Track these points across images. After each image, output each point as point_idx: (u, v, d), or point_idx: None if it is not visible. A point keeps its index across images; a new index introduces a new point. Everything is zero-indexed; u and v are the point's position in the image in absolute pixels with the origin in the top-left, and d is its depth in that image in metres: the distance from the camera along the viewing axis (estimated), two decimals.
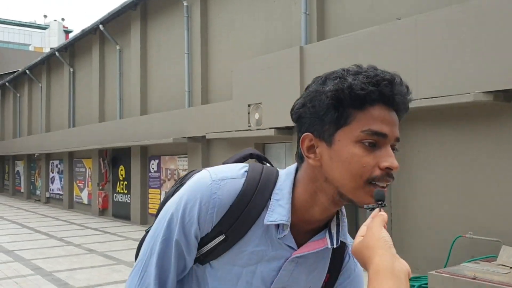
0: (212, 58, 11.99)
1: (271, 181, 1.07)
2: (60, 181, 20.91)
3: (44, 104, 22.82)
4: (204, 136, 11.04)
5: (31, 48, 55.16)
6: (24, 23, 63.29)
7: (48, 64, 22.58)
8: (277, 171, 1.10)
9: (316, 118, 1.00)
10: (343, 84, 0.96)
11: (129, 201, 15.03)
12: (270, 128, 8.78)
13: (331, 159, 0.99)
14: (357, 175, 0.96)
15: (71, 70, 20.08)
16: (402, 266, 0.85)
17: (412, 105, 4.44)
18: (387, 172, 0.96)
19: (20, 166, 26.81)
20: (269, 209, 1.04)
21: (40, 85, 23.34)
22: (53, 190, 21.95)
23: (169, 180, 13.28)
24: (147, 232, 1.20)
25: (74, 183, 19.58)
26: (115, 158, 16.27)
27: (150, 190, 14.10)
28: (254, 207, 1.03)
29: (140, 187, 14.26)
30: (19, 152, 24.83)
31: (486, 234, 6.00)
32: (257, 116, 9.21)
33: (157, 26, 14.29)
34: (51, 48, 25.99)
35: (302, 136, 1.03)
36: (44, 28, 62.36)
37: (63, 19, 64.31)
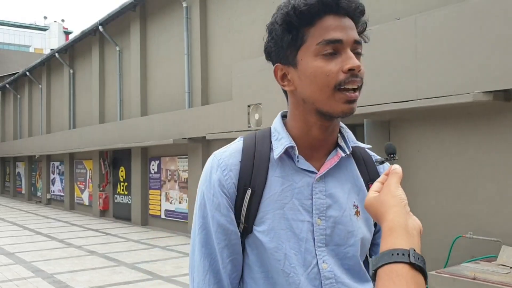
0: (212, 59, 11.99)
1: (266, 132, 1.16)
2: (61, 182, 20.93)
3: (45, 106, 22.84)
4: (204, 136, 11.04)
5: (31, 50, 55.21)
6: (24, 25, 63.37)
7: (48, 65, 22.60)
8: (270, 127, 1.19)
9: (279, 47, 1.07)
10: (288, 7, 1.03)
11: (129, 202, 15.04)
12: None
13: (300, 79, 1.05)
14: (324, 85, 1.02)
15: (71, 71, 20.09)
16: (415, 223, 0.88)
17: (411, 105, 4.48)
18: (351, 73, 1.01)
19: (21, 168, 26.83)
20: (273, 148, 1.11)
21: (40, 86, 23.36)
22: (54, 192, 21.97)
23: (169, 181, 13.28)
24: None
25: (75, 185, 19.60)
26: (116, 159, 16.28)
27: (151, 191, 14.11)
28: (261, 153, 1.11)
29: (141, 188, 14.27)
30: (19, 154, 24.85)
31: (486, 234, 6.00)
32: (257, 116, 9.21)
33: (156, 27, 14.29)
34: (51, 50, 26.01)
35: (274, 67, 1.11)
36: (44, 30, 62.44)
37: (63, 20, 64.43)
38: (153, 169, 14.05)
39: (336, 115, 1.05)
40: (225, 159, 1.11)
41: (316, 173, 1.10)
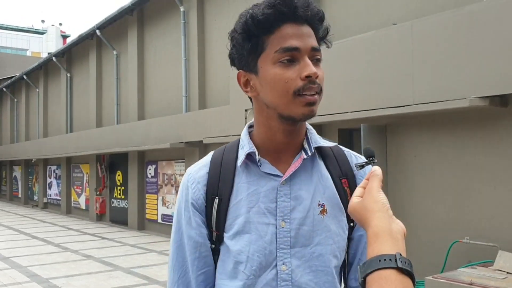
0: (209, 63, 12.00)
1: (236, 142, 1.20)
2: (58, 186, 20.87)
3: (42, 109, 22.80)
4: (201, 141, 11.03)
5: (28, 53, 55.16)
6: (22, 28, 63.33)
7: (45, 69, 22.58)
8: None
9: (240, 55, 1.11)
10: (247, 16, 1.07)
11: (126, 207, 15.00)
12: None
13: (262, 86, 1.09)
14: (284, 91, 1.05)
15: (68, 75, 20.08)
16: (399, 227, 0.90)
17: (408, 110, 4.48)
18: (309, 80, 1.04)
19: (17, 172, 26.75)
20: (238, 156, 1.15)
21: (37, 90, 23.33)
22: (50, 196, 21.90)
23: (166, 185, 13.26)
24: None
25: (72, 189, 19.54)
26: (113, 163, 16.25)
27: (148, 195, 14.08)
28: (227, 163, 1.16)
29: (138, 192, 14.23)
30: (16, 158, 24.78)
31: (483, 239, 6.00)
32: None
33: (154, 31, 14.30)
34: (48, 53, 25.98)
35: (237, 74, 1.15)
36: (42, 33, 62.42)
37: (60, 24, 64.42)
38: (150, 173, 14.02)
39: (298, 118, 1.08)
40: (194, 174, 1.17)
41: (281, 176, 1.13)
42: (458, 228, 6.35)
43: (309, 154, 1.15)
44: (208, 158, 1.20)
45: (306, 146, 1.16)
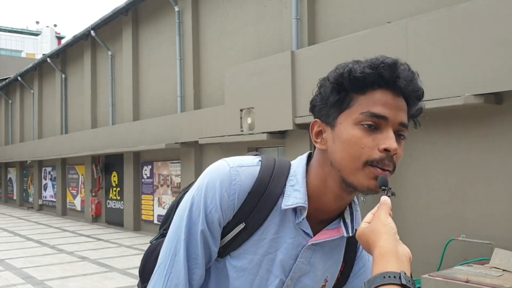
0: (204, 63, 11.98)
1: (285, 169, 1.09)
2: (53, 188, 20.79)
3: (36, 111, 22.70)
4: (197, 141, 11.00)
5: (23, 55, 54.98)
6: (16, 30, 63.11)
7: (40, 70, 22.49)
8: (289, 161, 1.13)
9: (323, 104, 1.05)
10: (344, 69, 1.01)
11: (122, 208, 14.95)
12: (263, 133, 8.76)
13: (334, 142, 1.02)
14: (355, 157, 0.98)
15: (63, 76, 20.00)
16: (405, 251, 0.91)
17: None
18: (386, 155, 0.97)
19: (12, 173, 26.64)
20: (285, 195, 1.06)
21: (32, 91, 23.23)
22: (46, 197, 21.81)
23: (162, 186, 13.22)
24: (151, 242, 1.22)
25: (67, 190, 19.47)
26: (108, 164, 16.20)
27: (143, 196, 14.03)
28: (271, 193, 1.05)
29: (133, 193, 14.19)
30: (11, 159, 24.67)
31: (479, 237, 6.00)
32: (249, 120, 9.19)
33: (148, 32, 14.26)
34: (43, 55, 25.89)
35: (312, 122, 1.08)
36: (37, 35, 62.22)
37: (55, 25, 64.18)
38: (146, 174, 13.98)
39: (360, 189, 1.00)
40: (239, 183, 1.04)
41: (311, 237, 1.08)
42: (454, 226, 6.35)
43: (350, 234, 1.08)
44: (255, 171, 1.07)
45: (348, 221, 1.09)
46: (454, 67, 6.05)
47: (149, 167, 13.80)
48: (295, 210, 1.07)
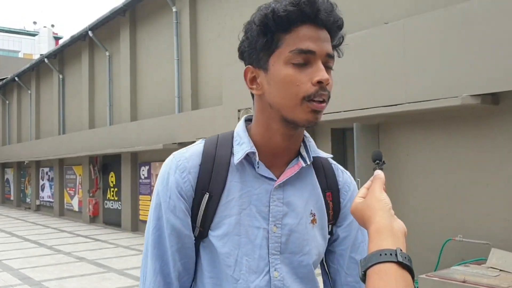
0: (202, 63, 11.98)
1: (229, 134, 1.15)
2: (51, 188, 20.74)
3: (34, 111, 22.66)
4: (195, 141, 10.92)
5: (20, 55, 54.87)
6: (13, 30, 62.97)
7: (37, 70, 22.45)
8: (233, 130, 1.18)
9: (252, 49, 1.06)
10: (267, 10, 1.03)
11: (120, 208, 14.93)
12: None
13: (269, 84, 1.04)
14: (292, 94, 1.01)
15: (61, 76, 19.97)
16: (400, 226, 0.92)
17: (400, 108, 4.47)
18: (320, 86, 1.01)
19: (9, 174, 26.57)
20: (234, 153, 1.10)
21: (29, 92, 23.19)
22: (43, 198, 21.77)
23: None
24: None
25: (65, 190, 19.43)
26: (106, 164, 16.17)
27: (141, 197, 14.02)
28: (221, 157, 1.10)
29: (131, 193, 14.17)
30: (8, 160, 24.61)
31: (476, 237, 6.01)
32: None
33: (146, 32, 14.25)
34: (40, 55, 25.84)
35: (245, 69, 1.09)
36: (34, 35, 62.10)
37: (53, 26, 64.12)
38: (143, 174, 13.97)
39: (300, 124, 1.04)
40: (184, 161, 1.09)
41: (275, 180, 1.10)
42: (451, 226, 6.36)
43: (308, 163, 1.12)
44: (199, 147, 1.13)
45: (304, 154, 1.14)
46: (451, 68, 6.06)
47: (147, 167, 13.79)
48: (251, 162, 1.10)
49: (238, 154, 1.09)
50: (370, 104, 6.95)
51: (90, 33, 16.05)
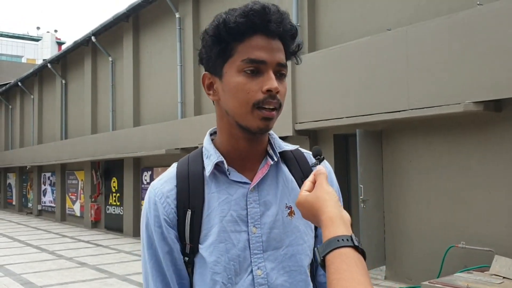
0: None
1: (198, 151, 1.21)
2: (52, 193, 20.75)
3: (36, 116, 22.71)
4: (197, 147, 10.98)
5: (23, 60, 55.05)
6: (17, 35, 63.23)
7: (40, 76, 22.52)
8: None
9: (208, 57, 1.12)
10: (219, 20, 1.07)
11: (121, 213, 14.92)
12: None
13: (224, 91, 1.10)
14: (243, 101, 1.06)
15: (63, 81, 20.03)
16: (347, 216, 0.98)
17: (403, 115, 4.50)
18: (270, 95, 1.05)
19: (11, 179, 26.60)
20: (205, 166, 1.15)
21: (32, 97, 23.25)
22: (45, 203, 21.77)
23: None
24: None
25: (66, 196, 19.44)
26: (108, 170, 16.18)
27: (143, 202, 13.96)
28: (194, 173, 1.15)
29: (133, 199, 14.17)
30: (10, 165, 24.64)
31: (479, 243, 6.00)
32: None
33: (149, 38, 14.30)
34: (43, 60, 25.93)
35: (202, 75, 1.16)
36: (37, 40, 62.34)
37: (56, 31, 64.35)
38: (146, 180, 13.97)
39: (253, 130, 1.08)
40: (161, 188, 1.15)
41: (249, 183, 1.15)
42: (454, 233, 6.35)
43: (275, 160, 1.17)
44: (172, 171, 1.18)
45: (271, 151, 1.18)
46: (454, 75, 6.08)
47: (149, 172, 13.79)
48: (223, 171, 1.14)
49: (208, 167, 1.14)
50: (373, 111, 6.96)
51: (93, 38, 16.11)
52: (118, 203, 15.26)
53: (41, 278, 8.40)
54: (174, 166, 1.20)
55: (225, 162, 1.13)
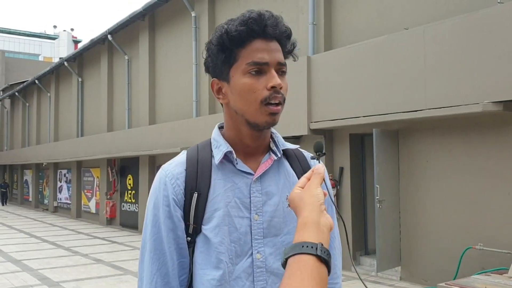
0: None
1: (207, 141, 1.31)
2: (68, 190, 20.99)
3: (53, 114, 22.98)
4: None
5: (40, 58, 55.73)
6: (34, 34, 64.06)
7: (57, 73, 22.77)
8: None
9: (215, 64, 1.23)
10: (222, 31, 1.19)
11: (137, 210, 15.04)
12: None
13: (232, 94, 1.21)
14: (251, 100, 1.18)
15: (80, 79, 20.23)
16: (327, 222, 0.99)
17: (420, 115, 4.46)
18: (274, 90, 1.17)
19: (28, 175, 26.96)
20: (214, 155, 1.26)
21: (48, 94, 23.53)
22: (61, 199, 22.03)
23: None
24: None
25: (82, 192, 19.65)
26: (123, 167, 16.31)
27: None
28: (203, 160, 1.26)
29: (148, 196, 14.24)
30: (27, 161, 24.97)
31: (497, 245, 5.92)
32: None
33: (165, 37, 14.37)
34: (60, 58, 26.22)
35: (211, 82, 1.27)
36: (54, 38, 63.09)
37: (72, 29, 65.08)
38: None
39: (261, 126, 1.21)
40: (172, 170, 1.25)
41: (253, 174, 1.25)
42: (471, 235, 6.27)
43: (279, 156, 1.29)
44: (183, 156, 1.29)
45: (274, 148, 1.30)
46: (472, 74, 6.00)
47: None
48: (230, 161, 1.25)
49: (218, 155, 1.24)
50: (390, 110, 6.90)
51: (109, 37, 16.24)
52: (134, 200, 15.38)
53: (58, 274, 8.51)
54: (184, 153, 1.30)
55: (233, 152, 1.24)
